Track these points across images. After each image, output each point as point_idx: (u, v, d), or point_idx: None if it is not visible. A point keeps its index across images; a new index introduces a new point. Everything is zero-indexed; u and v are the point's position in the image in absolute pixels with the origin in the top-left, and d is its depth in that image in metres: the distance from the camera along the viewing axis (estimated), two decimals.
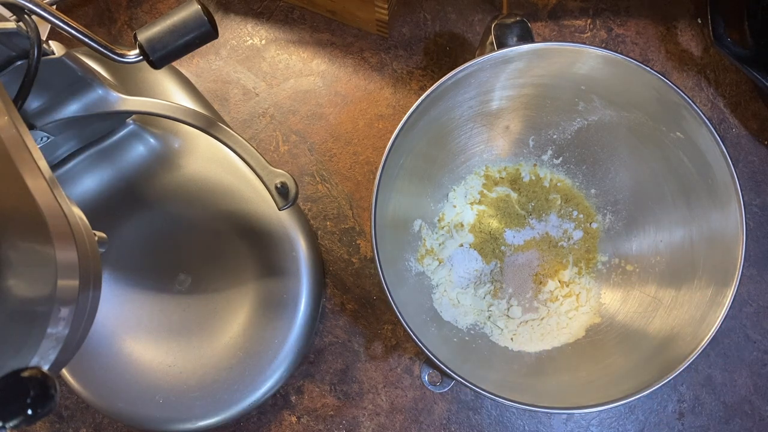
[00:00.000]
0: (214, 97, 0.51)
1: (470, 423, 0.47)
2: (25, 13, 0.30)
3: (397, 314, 0.35)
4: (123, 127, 0.45)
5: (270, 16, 0.52)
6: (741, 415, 0.47)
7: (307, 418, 0.47)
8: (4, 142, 0.21)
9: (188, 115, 0.37)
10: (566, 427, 0.47)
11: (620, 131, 0.44)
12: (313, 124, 0.51)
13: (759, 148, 0.51)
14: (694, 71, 0.52)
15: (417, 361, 0.47)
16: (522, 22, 0.39)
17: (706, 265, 0.39)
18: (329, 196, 0.50)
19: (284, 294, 0.44)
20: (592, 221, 0.48)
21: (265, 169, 0.37)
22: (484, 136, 0.47)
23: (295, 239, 0.45)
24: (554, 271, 0.47)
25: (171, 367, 0.43)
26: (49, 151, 0.42)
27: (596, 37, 0.52)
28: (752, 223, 0.50)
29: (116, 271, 0.45)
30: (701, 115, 0.37)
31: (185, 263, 0.46)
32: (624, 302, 0.45)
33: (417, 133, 0.40)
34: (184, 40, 0.33)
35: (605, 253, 0.47)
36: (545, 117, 0.46)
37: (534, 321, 0.46)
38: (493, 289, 0.46)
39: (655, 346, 0.39)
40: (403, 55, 0.52)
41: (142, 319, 0.45)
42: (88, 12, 0.53)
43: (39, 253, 0.20)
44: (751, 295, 0.49)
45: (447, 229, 0.47)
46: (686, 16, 0.53)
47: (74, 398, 0.47)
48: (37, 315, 0.20)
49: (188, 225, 0.46)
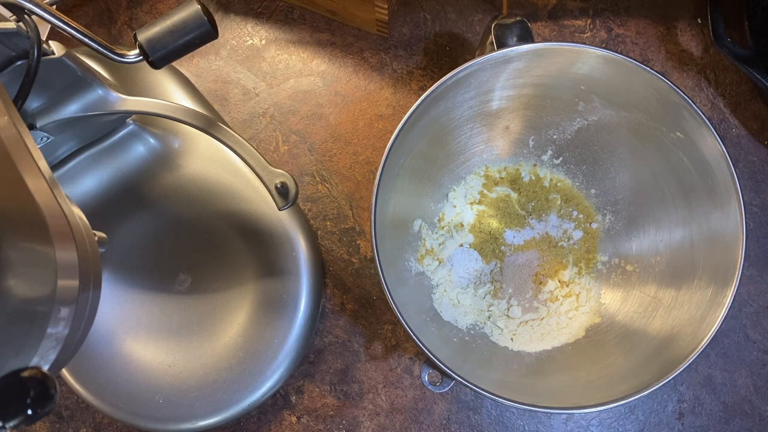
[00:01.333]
0: (214, 97, 0.51)
1: (470, 423, 0.47)
2: (25, 13, 0.30)
3: (397, 314, 0.35)
4: (123, 127, 0.45)
5: (270, 16, 0.52)
6: (741, 415, 0.47)
7: (307, 418, 0.47)
8: (4, 142, 0.21)
9: (188, 115, 0.37)
10: (566, 427, 0.47)
11: (620, 131, 0.44)
12: (313, 124, 0.51)
13: (759, 148, 0.51)
14: (694, 71, 0.52)
15: (417, 361, 0.47)
16: (522, 22, 0.39)
17: (706, 265, 0.39)
18: (329, 196, 0.50)
19: (284, 294, 0.44)
20: (592, 221, 0.48)
21: (265, 169, 0.37)
22: (484, 136, 0.47)
23: (295, 239, 0.45)
24: (554, 271, 0.47)
25: (171, 367, 0.43)
26: (49, 151, 0.42)
27: (596, 37, 0.52)
28: (752, 223, 0.50)
29: (116, 271, 0.45)
30: (701, 115, 0.37)
31: (185, 263, 0.46)
32: (624, 302, 0.45)
33: (417, 133, 0.40)
34: (184, 40, 0.33)
35: (605, 253, 0.47)
36: (545, 117, 0.46)
37: (534, 321, 0.46)
38: (493, 289, 0.46)
39: (655, 346, 0.39)
40: (403, 55, 0.52)
41: (142, 319, 0.45)
42: (88, 12, 0.53)
43: (39, 253, 0.20)
44: (751, 295, 0.49)
45: (447, 229, 0.47)
46: (686, 16, 0.53)
47: (74, 398, 0.47)
48: (37, 315, 0.20)
49: (188, 225, 0.46)
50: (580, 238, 0.48)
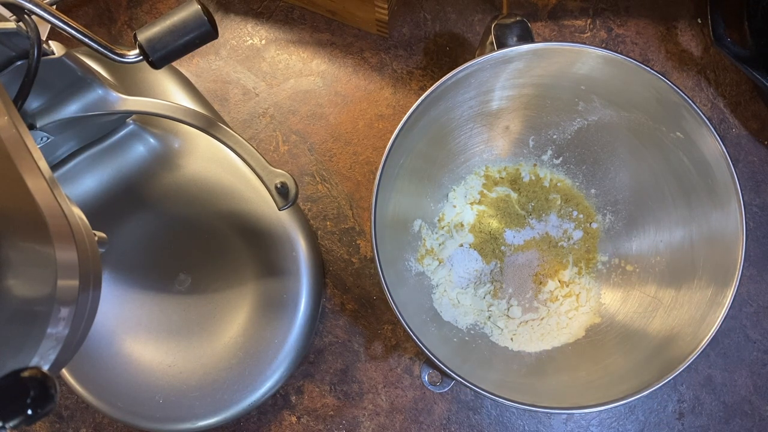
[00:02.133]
0: (214, 97, 0.51)
1: (470, 423, 0.47)
2: (25, 13, 0.30)
3: (397, 314, 0.35)
4: (123, 127, 0.45)
5: (270, 16, 0.52)
6: (741, 415, 0.47)
7: (307, 418, 0.47)
8: (4, 142, 0.21)
9: (188, 115, 0.37)
10: (566, 427, 0.47)
11: (620, 131, 0.44)
12: (313, 124, 0.51)
13: (759, 148, 0.51)
14: (694, 71, 0.52)
15: (417, 361, 0.47)
16: (522, 22, 0.39)
17: (706, 265, 0.39)
18: (329, 196, 0.50)
19: (284, 294, 0.44)
20: (592, 221, 0.48)
21: (265, 169, 0.37)
22: (484, 136, 0.47)
23: (295, 239, 0.45)
24: (554, 271, 0.47)
25: (171, 367, 0.43)
26: (49, 151, 0.42)
27: (596, 37, 0.52)
28: (752, 223, 0.50)
29: (116, 271, 0.45)
30: (701, 115, 0.37)
31: (185, 263, 0.46)
32: (624, 302, 0.45)
33: (417, 133, 0.40)
34: (184, 40, 0.33)
35: (605, 253, 0.47)
36: (545, 117, 0.46)
37: (534, 321, 0.46)
38: (493, 289, 0.46)
39: (655, 346, 0.39)
40: (403, 55, 0.52)
41: (142, 319, 0.45)
42: (88, 12, 0.53)
43: (39, 253, 0.20)
44: (751, 295, 0.49)
45: (447, 229, 0.47)
46: (686, 16, 0.53)
47: (74, 398, 0.47)
48: (37, 315, 0.20)
49: (188, 225, 0.46)
50: (580, 238, 0.48)
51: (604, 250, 0.47)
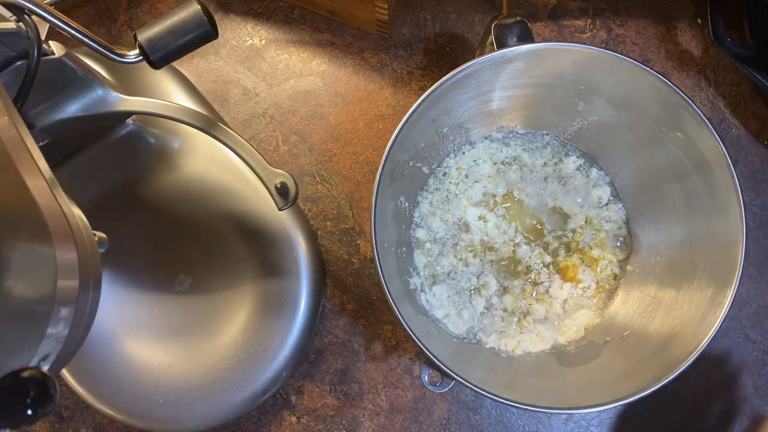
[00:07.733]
0: (214, 97, 0.51)
1: (470, 423, 0.47)
2: (25, 13, 0.30)
3: (397, 314, 0.35)
4: (123, 127, 0.45)
5: (270, 16, 0.52)
6: (741, 414, 0.47)
7: (307, 418, 0.47)
8: (4, 142, 0.21)
9: (188, 115, 0.37)
10: (566, 427, 0.47)
11: (620, 131, 0.44)
12: (313, 124, 0.51)
13: (759, 148, 0.51)
14: (694, 71, 0.52)
15: (417, 361, 0.47)
16: (522, 23, 0.39)
17: (706, 265, 0.39)
18: (329, 196, 0.50)
19: (284, 294, 0.44)
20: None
21: (265, 169, 0.37)
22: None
23: (295, 239, 0.45)
24: (554, 271, 0.47)
25: (171, 367, 0.43)
26: (49, 151, 0.42)
27: (596, 37, 0.52)
28: (752, 223, 0.50)
29: (116, 271, 0.45)
30: (701, 115, 0.37)
31: (185, 263, 0.46)
32: (624, 302, 0.45)
33: (417, 133, 0.40)
34: (184, 40, 0.33)
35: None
36: (545, 117, 0.46)
37: (534, 321, 0.46)
38: (493, 289, 0.46)
39: (655, 346, 0.39)
40: (403, 55, 0.52)
41: (142, 319, 0.45)
42: (88, 12, 0.53)
43: (39, 253, 0.20)
44: (751, 295, 0.49)
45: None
46: (686, 16, 0.53)
47: (74, 398, 0.47)
48: (37, 315, 0.20)
49: (188, 225, 0.46)
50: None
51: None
